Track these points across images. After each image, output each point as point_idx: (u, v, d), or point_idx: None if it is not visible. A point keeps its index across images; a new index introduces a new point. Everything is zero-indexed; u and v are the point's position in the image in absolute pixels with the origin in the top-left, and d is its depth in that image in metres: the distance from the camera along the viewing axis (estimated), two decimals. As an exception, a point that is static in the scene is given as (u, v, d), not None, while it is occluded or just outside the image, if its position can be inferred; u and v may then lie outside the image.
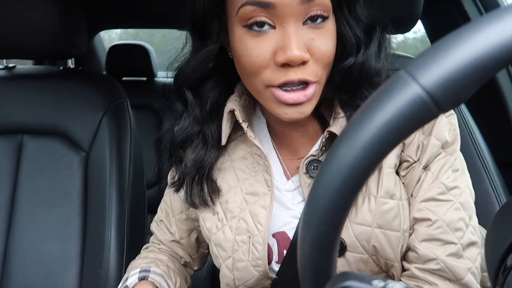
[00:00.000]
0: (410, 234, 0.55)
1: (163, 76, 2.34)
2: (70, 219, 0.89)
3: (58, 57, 1.06)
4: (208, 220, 0.62)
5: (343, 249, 0.54)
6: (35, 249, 0.88)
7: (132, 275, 0.64)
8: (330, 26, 0.50)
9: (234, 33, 0.52)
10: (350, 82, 0.55)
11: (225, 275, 0.60)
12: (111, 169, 0.91)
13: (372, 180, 0.55)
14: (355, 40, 0.54)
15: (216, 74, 0.59)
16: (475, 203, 0.67)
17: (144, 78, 2.22)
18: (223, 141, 0.60)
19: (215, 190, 0.61)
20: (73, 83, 1.00)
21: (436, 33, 1.30)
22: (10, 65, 1.06)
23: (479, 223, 0.66)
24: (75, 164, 0.92)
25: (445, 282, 0.51)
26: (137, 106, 1.39)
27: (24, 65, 1.12)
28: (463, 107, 0.96)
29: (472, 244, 0.53)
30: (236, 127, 0.61)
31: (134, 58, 2.13)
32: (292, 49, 0.47)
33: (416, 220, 0.54)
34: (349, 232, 0.54)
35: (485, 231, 0.64)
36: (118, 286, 0.67)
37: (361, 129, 0.24)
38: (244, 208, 0.59)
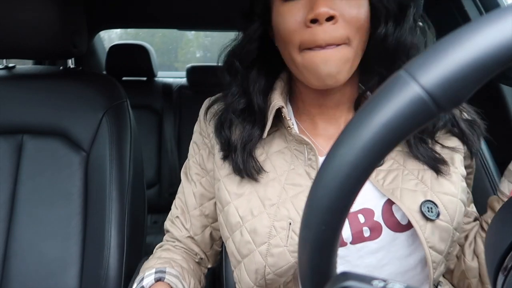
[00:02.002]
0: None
1: (163, 76, 2.35)
2: (70, 219, 0.89)
3: (58, 57, 1.06)
4: (241, 208, 0.61)
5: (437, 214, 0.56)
6: (35, 249, 0.88)
7: (147, 276, 0.64)
8: None
9: (274, 9, 0.58)
10: (386, 53, 0.57)
11: (256, 262, 0.58)
12: (111, 169, 0.91)
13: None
14: (386, 11, 0.56)
15: (260, 63, 0.64)
16: (475, 203, 0.69)
17: (144, 78, 2.22)
18: (265, 135, 0.62)
19: (259, 169, 0.62)
20: (73, 83, 1.00)
21: (436, 33, 1.30)
22: (10, 65, 1.06)
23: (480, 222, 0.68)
24: (75, 164, 0.92)
25: None
26: (137, 106, 1.39)
27: (24, 65, 1.12)
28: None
29: None
30: (272, 123, 0.62)
31: (134, 58, 2.13)
32: (320, 5, 0.51)
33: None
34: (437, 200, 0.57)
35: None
36: (117, 286, 0.66)
37: (362, 129, 0.24)
38: (284, 197, 0.59)
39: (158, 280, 0.63)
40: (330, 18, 0.52)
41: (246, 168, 0.61)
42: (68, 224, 0.89)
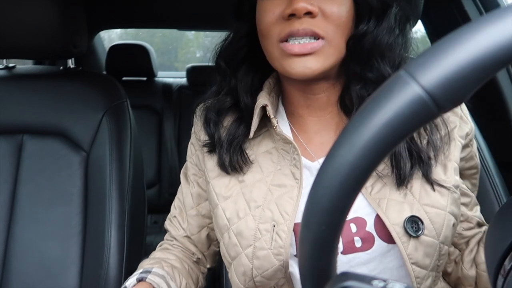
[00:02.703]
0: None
1: (163, 76, 2.35)
2: (70, 219, 0.89)
3: (58, 57, 1.06)
4: (228, 210, 0.61)
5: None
6: (35, 249, 0.88)
7: (133, 276, 0.64)
8: None
9: (257, 6, 0.58)
10: (362, 52, 0.57)
11: (243, 264, 0.58)
12: (111, 169, 0.91)
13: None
14: (369, 8, 0.56)
15: (250, 60, 0.64)
16: None
17: (144, 78, 2.22)
18: (251, 135, 0.62)
19: (246, 161, 0.62)
20: (73, 83, 1.00)
21: (436, 33, 1.30)
22: (10, 65, 1.06)
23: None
24: (75, 164, 0.92)
25: None
26: (137, 106, 1.39)
27: (24, 65, 1.12)
28: (465, 108, 0.96)
29: None
30: (261, 123, 0.62)
31: (134, 58, 2.13)
32: (297, 0, 0.52)
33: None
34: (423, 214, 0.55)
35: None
36: (117, 286, 0.66)
37: (362, 129, 0.24)
38: (269, 199, 0.59)
39: (140, 280, 0.63)
40: (308, 13, 0.52)
41: (232, 162, 0.62)
42: (68, 224, 0.89)
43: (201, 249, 0.74)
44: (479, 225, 0.65)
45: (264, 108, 0.60)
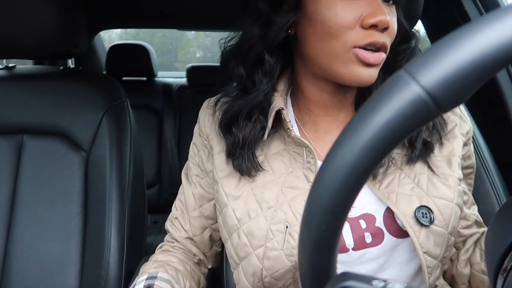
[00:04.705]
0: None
1: (163, 76, 2.35)
2: (70, 219, 0.89)
3: (58, 57, 1.06)
4: (238, 210, 0.61)
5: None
6: (35, 249, 0.88)
7: (139, 282, 0.64)
8: (395, 11, 0.58)
9: (321, 1, 0.55)
10: (395, 66, 0.61)
11: (253, 265, 0.58)
12: (111, 169, 0.91)
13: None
14: (405, 31, 0.61)
15: (278, 50, 0.62)
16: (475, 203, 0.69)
17: (144, 78, 2.22)
18: (265, 137, 0.61)
19: (256, 166, 0.62)
20: (73, 83, 1.00)
21: (436, 33, 1.30)
22: (10, 65, 1.06)
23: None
24: (75, 164, 0.92)
25: None
26: (137, 106, 1.39)
27: (24, 65, 1.12)
28: (463, 107, 0.96)
29: None
30: (272, 124, 0.62)
31: (134, 58, 2.13)
32: (383, 13, 0.53)
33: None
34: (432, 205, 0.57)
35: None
36: (117, 286, 0.66)
37: (362, 129, 0.24)
38: (282, 200, 0.59)
39: (147, 287, 0.62)
40: (386, 28, 0.54)
41: (247, 166, 0.61)
42: (68, 224, 0.89)
43: (203, 250, 0.74)
44: (477, 223, 0.66)
45: (277, 110, 0.60)
